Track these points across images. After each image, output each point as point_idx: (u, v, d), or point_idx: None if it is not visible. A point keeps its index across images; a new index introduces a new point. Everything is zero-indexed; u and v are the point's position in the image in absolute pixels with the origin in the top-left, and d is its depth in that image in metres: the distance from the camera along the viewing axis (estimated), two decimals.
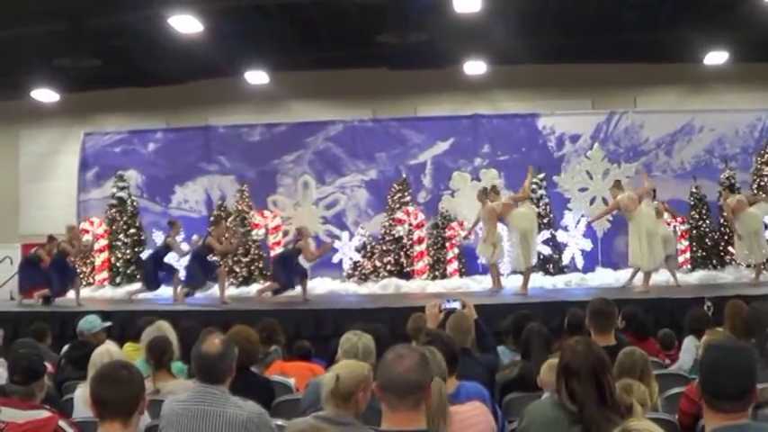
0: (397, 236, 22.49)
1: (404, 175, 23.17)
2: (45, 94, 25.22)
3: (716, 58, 22.95)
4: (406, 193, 22.72)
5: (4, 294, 24.22)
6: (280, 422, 6.29)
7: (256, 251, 23.04)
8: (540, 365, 7.44)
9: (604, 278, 20.67)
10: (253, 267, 22.67)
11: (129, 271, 23.02)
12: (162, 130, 25.29)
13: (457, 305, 8.59)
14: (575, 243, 22.09)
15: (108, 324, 11.36)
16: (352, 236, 23.18)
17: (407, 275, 21.94)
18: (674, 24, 20.34)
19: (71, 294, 20.21)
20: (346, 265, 22.95)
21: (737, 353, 4.63)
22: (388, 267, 22.18)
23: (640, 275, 18.96)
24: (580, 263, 22.24)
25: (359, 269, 22.77)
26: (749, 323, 9.06)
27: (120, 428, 4.95)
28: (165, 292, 20.87)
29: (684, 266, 21.61)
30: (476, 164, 23.21)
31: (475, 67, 23.66)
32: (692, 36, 21.25)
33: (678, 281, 19.59)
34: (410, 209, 22.53)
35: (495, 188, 19.82)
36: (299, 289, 19.70)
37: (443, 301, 8.72)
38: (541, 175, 22.37)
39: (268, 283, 20.50)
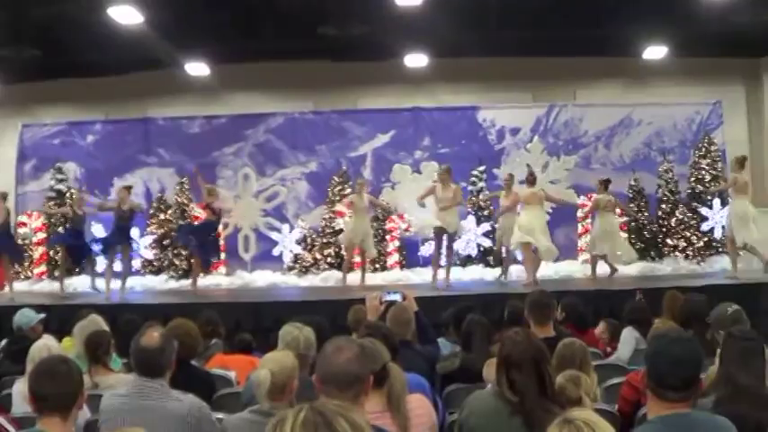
0: (337, 228, 22.46)
1: (344, 168, 23.16)
2: None
3: (655, 52, 23.13)
4: (346, 186, 22.67)
5: None
6: (220, 415, 6.29)
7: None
8: (482, 357, 7.48)
9: (544, 270, 20.73)
10: (192, 260, 22.55)
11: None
12: (101, 122, 25.08)
13: (397, 297, 8.62)
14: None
15: (43, 316, 11.31)
16: (292, 228, 23.12)
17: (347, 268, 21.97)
18: (614, 18, 20.45)
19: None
20: (287, 258, 22.88)
21: (683, 342, 4.69)
22: (329, 260, 22.16)
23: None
24: (520, 255, 22.33)
25: (299, 262, 22.72)
26: (687, 314, 9.17)
27: (60, 423, 4.93)
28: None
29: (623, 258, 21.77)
30: (416, 156, 23.25)
31: (416, 60, 23.69)
32: (631, 30, 21.40)
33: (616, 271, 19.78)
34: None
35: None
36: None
37: (384, 293, 8.75)
38: (482, 168, 22.45)
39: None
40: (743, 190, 18.21)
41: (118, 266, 19.96)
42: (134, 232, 21.11)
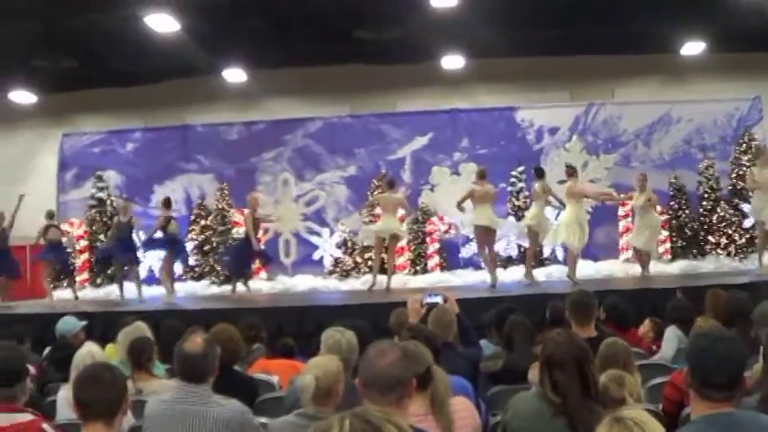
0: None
1: (383, 171, 23.12)
2: (22, 96, 25.17)
3: (693, 48, 23.06)
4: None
5: None
6: (263, 420, 6.29)
7: None
8: (524, 357, 7.46)
9: (585, 270, 20.63)
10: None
11: (109, 271, 22.88)
12: (140, 130, 25.25)
13: (438, 299, 8.59)
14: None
15: (85, 323, 11.38)
16: (332, 232, 23.17)
17: (385, 271, 21.94)
18: (651, 15, 20.37)
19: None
20: (327, 262, 22.94)
21: (727, 341, 4.64)
22: (369, 263, 22.15)
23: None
24: (561, 255, 22.26)
25: (340, 265, 22.75)
26: (730, 312, 9.10)
27: (104, 429, 4.95)
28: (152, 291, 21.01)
29: (665, 256, 21.67)
30: (455, 158, 23.22)
31: (452, 62, 23.70)
32: (668, 27, 21.30)
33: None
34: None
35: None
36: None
37: (425, 296, 8.73)
38: (521, 168, 22.38)
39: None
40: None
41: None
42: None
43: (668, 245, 21.92)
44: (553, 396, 5.26)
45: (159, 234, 20.05)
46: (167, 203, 20.20)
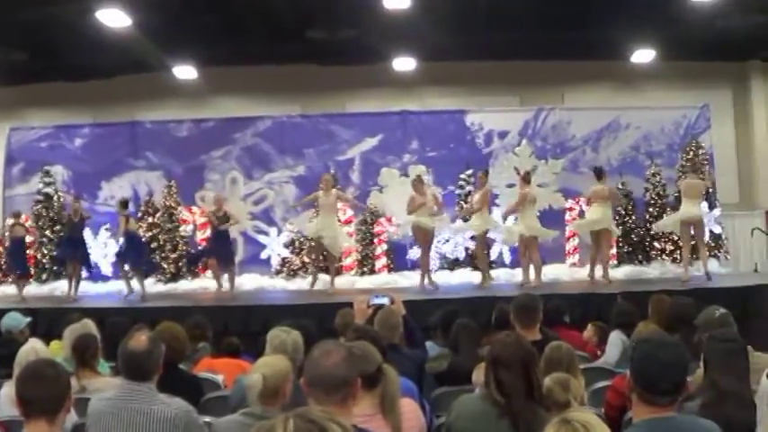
0: None
1: (332, 171, 23.10)
2: None
3: (643, 55, 23.29)
4: (334, 189, 22.66)
5: None
6: (208, 419, 6.28)
7: (184, 247, 22.90)
8: (470, 359, 7.50)
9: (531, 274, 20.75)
10: (181, 264, 22.51)
11: (55, 268, 22.72)
12: (89, 126, 25.06)
13: (385, 301, 8.62)
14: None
15: (29, 320, 11.32)
16: (280, 232, 23.12)
17: (337, 270, 21.93)
18: (602, 22, 20.51)
19: None
20: (274, 261, 22.89)
21: (670, 347, 4.70)
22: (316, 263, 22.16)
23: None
24: (507, 258, 22.37)
25: (287, 265, 22.72)
26: (673, 317, 9.18)
27: (47, 427, 4.92)
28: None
29: (611, 261, 21.81)
30: (404, 160, 23.22)
31: (404, 64, 23.77)
32: (619, 34, 21.46)
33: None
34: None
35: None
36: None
37: (372, 297, 8.76)
38: (470, 171, 22.42)
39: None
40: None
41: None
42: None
43: (614, 250, 22.05)
44: (497, 395, 5.30)
45: (122, 239, 20.26)
46: (124, 204, 20.27)
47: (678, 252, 21.51)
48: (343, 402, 4.52)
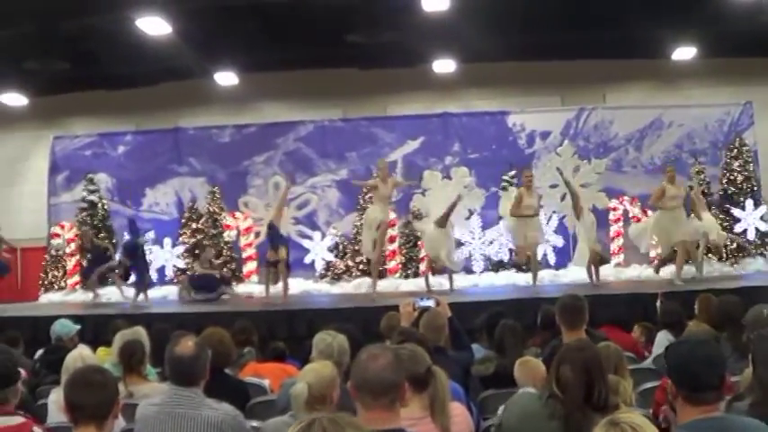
0: None
1: (374, 174, 23.08)
2: (14, 98, 25.15)
3: (684, 53, 23.12)
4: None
5: None
6: (254, 423, 6.29)
7: (228, 253, 22.98)
8: (515, 361, 7.45)
9: (577, 274, 20.67)
10: (225, 270, 22.58)
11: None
12: (132, 133, 25.22)
13: (431, 303, 8.59)
14: (546, 240, 22.06)
15: (79, 327, 11.38)
16: (324, 236, 23.14)
17: (380, 274, 21.91)
18: (642, 20, 20.39)
19: None
20: (319, 266, 22.91)
21: (708, 344, 4.73)
22: (361, 267, 22.13)
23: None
24: (552, 259, 22.29)
25: (331, 269, 22.74)
26: (721, 316, 9.10)
27: None
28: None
29: (657, 261, 21.70)
30: (446, 162, 23.18)
31: (444, 66, 23.73)
32: (660, 32, 21.35)
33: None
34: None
35: None
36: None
37: (417, 300, 8.73)
38: (512, 173, 22.34)
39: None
40: None
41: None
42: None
43: (660, 250, 21.91)
44: (556, 390, 5.28)
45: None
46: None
47: (723, 251, 21.40)
48: (390, 406, 4.50)
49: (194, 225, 23.18)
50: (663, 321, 10.41)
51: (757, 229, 21.54)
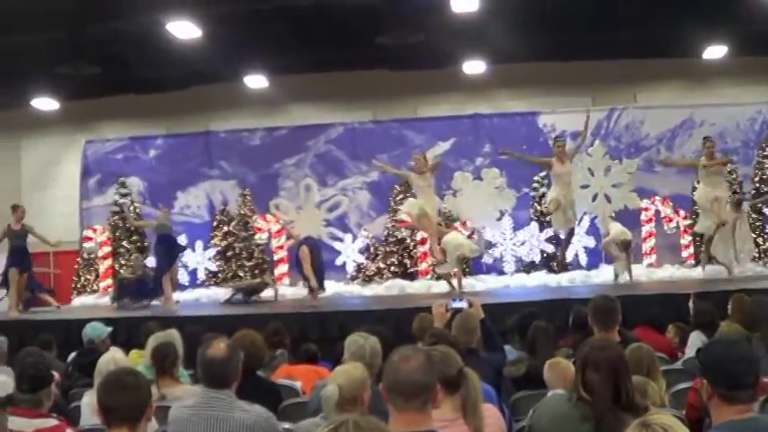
0: (399, 237, 22.47)
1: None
2: (45, 103, 25.30)
3: (715, 52, 23.03)
4: (407, 194, 22.59)
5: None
6: (287, 425, 6.30)
7: (260, 255, 23.02)
8: None
9: (608, 275, 20.61)
10: (257, 272, 22.63)
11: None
12: (163, 137, 25.34)
13: (463, 304, 8.58)
14: (578, 240, 22.00)
15: (110, 329, 11.43)
16: (355, 238, 23.16)
17: (411, 276, 21.91)
18: (673, 19, 20.33)
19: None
20: (350, 267, 22.93)
21: (741, 344, 4.75)
22: (392, 268, 22.14)
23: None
24: (584, 260, 22.23)
25: (363, 271, 22.75)
26: (754, 316, 9.05)
27: None
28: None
29: (689, 261, 21.61)
30: (477, 163, 23.15)
31: (474, 67, 23.72)
32: (690, 31, 21.26)
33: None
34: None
35: None
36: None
37: (450, 301, 8.72)
38: (543, 173, 22.30)
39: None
40: None
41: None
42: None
43: (692, 249, 21.84)
44: (584, 394, 5.25)
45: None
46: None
47: (756, 251, 21.29)
48: (422, 407, 4.49)
49: (225, 228, 23.26)
50: (695, 322, 10.35)
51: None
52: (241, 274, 22.72)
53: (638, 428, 3.71)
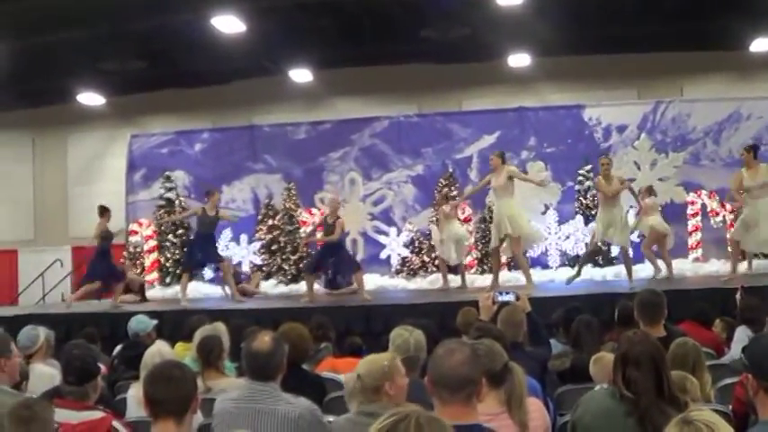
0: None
1: (450, 170, 23.01)
2: (91, 98, 25.51)
3: (762, 44, 22.85)
4: (452, 188, 22.58)
5: (56, 297, 24.44)
6: (331, 418, 6.30)
7: (305, 249, 23.05)
8: (592, 357, 7.41)
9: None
10: (301, 265, 22.68)
11: (178, 271, 23.03)
12: (208, 131, 25.38)
13: (510, 297, 8.56)
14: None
15: (155, 322, 11.50)
16: (399, 231, 23.13)
17: (456, 270, 21.85)
18: (719, 11, 20.20)
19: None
20: (394, 261, 22.91)
21: None
22: (437, 262, 22.09)
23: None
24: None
25: (407, 265, 22.73)
26: None
27: (175, 428, 4.97)
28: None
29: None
30: (522, 157, 23.01)
31: (519, 60, 23.68)
32: (737, 23, 21.12)
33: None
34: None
35: None
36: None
37: (497, 294, 8.71)
38: (588, 167, 22.19)
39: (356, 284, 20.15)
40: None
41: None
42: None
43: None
44: (627, 393, 5.22)
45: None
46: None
47: None
48: (467, 401, 4.48)
49: (270, 221, 23.28)
50: (742, 317, 10.27)
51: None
52: (286, 268, 22.76)
53: (679, 425, 3.68)
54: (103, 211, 19.75)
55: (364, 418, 5.46)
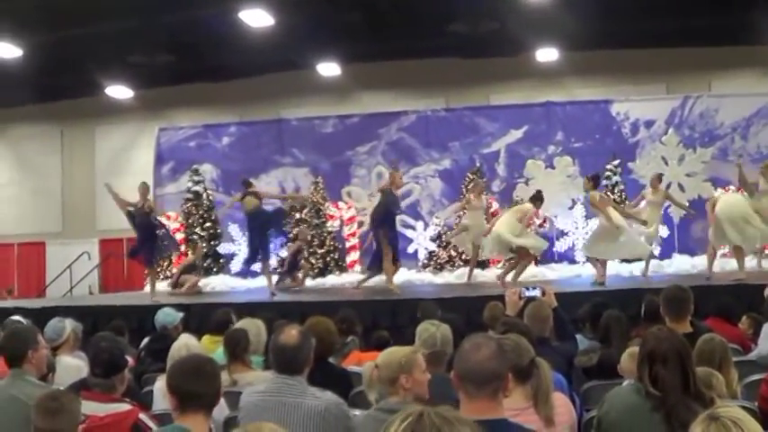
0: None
1: (478, 164, 23.00)
2: (119, 91, 25.62)
3: None
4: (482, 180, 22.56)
5: (83, 289, 24.57)
6: (357, 412, 6.30)
7: (332, 242, 23.07)
8: (620, 352, 7.40)
9: (681, 265, 20.45)
10: (328, 259, 22.71)
11: (205, 264, 23.11)
12: (235, 124, 25.43)
13: (537, 293, 8.57)
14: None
15: (182, 315, 11.54)
16: (426, 225, 23.13)
17: (483, 264, 21.81)
18: (748, 6, 20.11)
19: None
20: (421, 255, 22.91)
21: None
22: (464, 257, 22.06)
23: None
24: (657, 250, 22.03)
25: (434, 259, 22.72)
26: None
27: (204, 421, 5.00)
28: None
29: (765, 251, 21.34)
30: (550, 151, 22.97)
31: (547, 54, 23.65)
32: (766, 18, 21.01)
33: None
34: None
35: None
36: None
37: (524, 289, 8.71)
38: (616, 162, 22.14)
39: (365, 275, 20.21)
40: None
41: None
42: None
43: None
44: (653, 390, 5.22)
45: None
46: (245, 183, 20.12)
47: None
48: (493, 396, 4.48)
49: (298, 215, 23.30)
50: None
51: None
52: (313, 261, 22.78)
53: (706, 422, 3.68)
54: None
55: (382, 414, 5.48)
